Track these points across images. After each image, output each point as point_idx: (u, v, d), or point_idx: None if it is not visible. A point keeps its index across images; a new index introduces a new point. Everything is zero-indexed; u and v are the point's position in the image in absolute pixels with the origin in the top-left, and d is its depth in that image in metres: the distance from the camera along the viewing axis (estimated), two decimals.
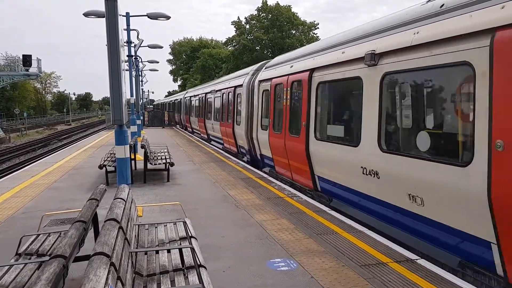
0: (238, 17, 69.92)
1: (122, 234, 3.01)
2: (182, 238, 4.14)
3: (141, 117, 27.63)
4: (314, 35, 55.62)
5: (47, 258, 3.06)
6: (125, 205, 3.68)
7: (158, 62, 32.92)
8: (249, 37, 55.33)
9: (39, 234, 4.42)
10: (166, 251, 3.72)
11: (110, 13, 6.26)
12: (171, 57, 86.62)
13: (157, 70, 40.12)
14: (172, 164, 9.77)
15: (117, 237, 2.76)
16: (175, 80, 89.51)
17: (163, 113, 37.49)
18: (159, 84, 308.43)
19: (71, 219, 5.88)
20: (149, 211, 6.91)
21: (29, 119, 66.26)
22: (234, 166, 11.86)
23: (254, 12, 56.58)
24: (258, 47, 55.26)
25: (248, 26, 56.67)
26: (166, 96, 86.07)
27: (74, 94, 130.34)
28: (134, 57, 22.35)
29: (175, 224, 4.62)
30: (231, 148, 16.15)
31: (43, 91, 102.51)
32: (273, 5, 54.45)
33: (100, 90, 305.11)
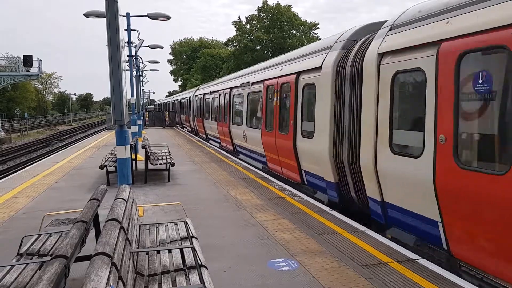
0: (239, 17, 70.00)
1: (123, 234, 3.01)
2: (183, 238, 4.14)
3: (142, 117, 27.67)
4: (315, 35, 55.62)
5: (49, 258, 3.07)
6: (126, 205, 3.69)
7: (159, 62, 33.01)
8: (250, 37, 55.33)
9: (41, 234, 4.42)
10: (167, 251, 3.73)
11: (111, 14, 6.26)
12: (172, 57, 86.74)
13: (158, 71, 40.30)
14: (173, 164, 9.77)
15: (118, 237, 2.76)
16: (176, 80, 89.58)
17: (164, 113, 37.52)
18: (160, 84, 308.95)
19: (72, 219, 5.88)
20: (150, 211, 6.92)
21: (30, 120, 66.32)
22: (235, 166, 11.86)
23: (254, 12, 56.68)
24: (259, 47, 55.24)
25: (249, 26, 56.67)
26: (167, 96, 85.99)
27: (75, 95, 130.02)
28: (135, 57, 22.38)
29: (176, 224, 4.62)
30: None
31: (44, 92, 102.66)
32: (273, 5, 54.45)
33: (101, 91, 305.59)
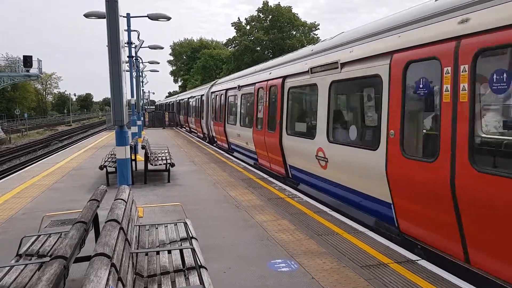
0: (238, 18, 69.84)
1: (123, 235, 3.01)
2: (183, 239, 4.13)
3: (142, 118, 27.67)
4: (315, 36, 55.64)
5: (48, 259, 3.06)
6: (126, 206, 3.68)
7: (159, 63, 33.06)
8: (250, 38, 55.34)
9: (40, 235, 4.41)
10: (167, 252, 3.72)
11: (111, 14, 6.27)
12: (172, 58, 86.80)
13: (158, 71, 40.23)
14: (173, 165, 9.76)
15: (118, 238, 2.76)
16: (176, 81, 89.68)
17: (164, 114, 37.51)
18: (160, 85, 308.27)
19: (72, 220, 5.87)
20: (150, 212, 6.91)
21: (30, 120, 66.29)
22: (235, 167, 11.86)
23: (254, 13, 56.70)
24: (259, 48, 55.27)
25: (249, 27, 56.69)
26: (167, 97, 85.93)
27: (75, 95, 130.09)
28: (135, 58, 22.40)
29: (176, 225, 4.62)
30: None
31: (44, 92, 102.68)
32: (274, 6, 54.48)
33: (101, 91, 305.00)
